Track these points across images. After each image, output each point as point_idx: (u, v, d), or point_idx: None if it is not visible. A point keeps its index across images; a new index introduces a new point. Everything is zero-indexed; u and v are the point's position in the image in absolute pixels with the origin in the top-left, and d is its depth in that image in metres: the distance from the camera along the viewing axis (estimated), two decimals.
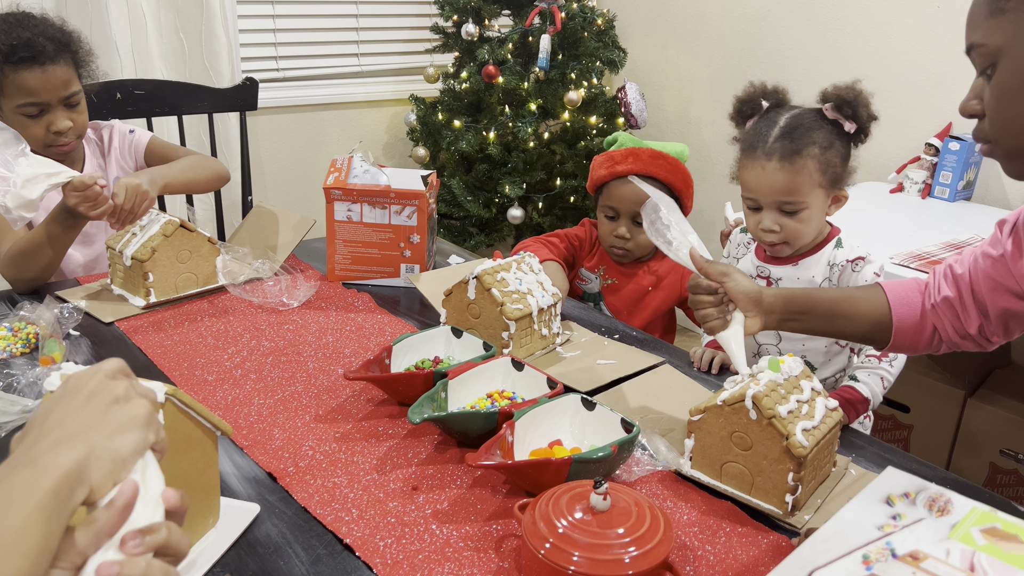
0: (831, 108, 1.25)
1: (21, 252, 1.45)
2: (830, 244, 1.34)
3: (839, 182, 1.29)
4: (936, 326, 1.11)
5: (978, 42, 0.90)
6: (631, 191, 1.63)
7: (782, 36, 2.81)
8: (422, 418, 1.00)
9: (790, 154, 1.24)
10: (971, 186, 2.39)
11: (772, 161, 1.25)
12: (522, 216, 2.83)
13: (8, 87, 1.45)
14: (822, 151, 1.25)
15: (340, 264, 1.59)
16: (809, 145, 1.24)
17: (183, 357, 1.28)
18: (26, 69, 1.44)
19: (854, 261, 1.31)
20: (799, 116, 1.27)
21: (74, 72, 1.52)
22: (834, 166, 1.26)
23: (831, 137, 1.26)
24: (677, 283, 1.71)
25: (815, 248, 1.34)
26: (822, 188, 1.27)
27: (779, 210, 1.28)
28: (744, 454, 0.96)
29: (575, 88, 2.78)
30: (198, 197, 2.61)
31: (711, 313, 1.09)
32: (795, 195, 1.26)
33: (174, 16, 2.50)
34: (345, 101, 3.03)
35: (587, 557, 0.76)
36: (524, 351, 1.30)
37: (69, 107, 1.52)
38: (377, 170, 1.56)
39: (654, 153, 1.63)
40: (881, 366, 1.27)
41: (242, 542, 0.87)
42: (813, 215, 1.29)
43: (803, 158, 1.24)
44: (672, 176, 1.64)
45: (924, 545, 0.67)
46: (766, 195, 1.27)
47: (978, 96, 0.93)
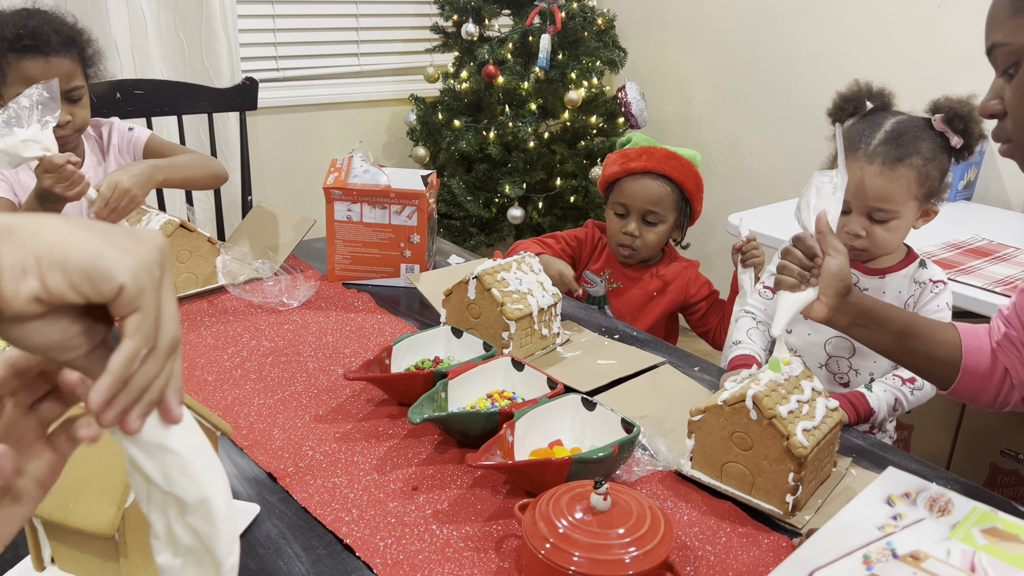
0: (941, 120, 1.21)
1: None
2: (915, 263, 1.33)
3: (934, 196, 1.26)
4: (1007, 367, 1.06)
5: (1000, 41, 0.88)
6: (643, 189, 1.64)
7: (782, 36, 2.81)
8: (422, 418, 1.00)
9: (893, 160, 1.20)
10: (971, 186, 2.39)
11: (873, 165, 1.21)
12: (522, 216, 2.83)
13: (11, 74, 1.47)
14: (924, 162, 1.21)
15: (340, 264, 1.59)
16: (913, 154, 1.20)
17: (183, 357, 1.28)
18: (30, 58, 1.45)
19: (936, 283, 1.29)
20: (906, 123, 1.23)
21: (78, 68, 1.53)
22: (933, 179, 1.23)
23: (936, 149, 1.22)
24: (682, 289, 1.71)
25: (901, 264, 1.32)
26: (916, 200, 1.24)
27: (869, 216, 1.24)
28: (744, 454, 0.96)
29: (575, 88, 2.78)
30: (198, 197, 2.61)
31: (792, 271, 0.99)
32: (889, 202, 1.22)
33: (174, 16, 2.50)
34: (345, 101, 3.03)
35: (587, 557, 0.76)
36: (524, 351, 1.30)
37: (70, 101, 1.53)
38: (377, 170, 1.56)
39: (668, 153, 1.64)
40: (902, 389, 1.25)
41: (242, 542, 0.87)
42: (902, 225, 1.25)
43: (905, 166, 1.20)
44: (684, 177, 1.64)
45: (925, 545, 0.67)
46: (860, 198, 1.23)
47: (999, 96, 0.91)
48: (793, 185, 2.78)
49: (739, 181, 2.98)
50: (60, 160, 1.34)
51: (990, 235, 2.03)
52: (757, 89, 2.90)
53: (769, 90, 2.87)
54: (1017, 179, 2.34)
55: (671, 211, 1.66)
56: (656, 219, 1.65)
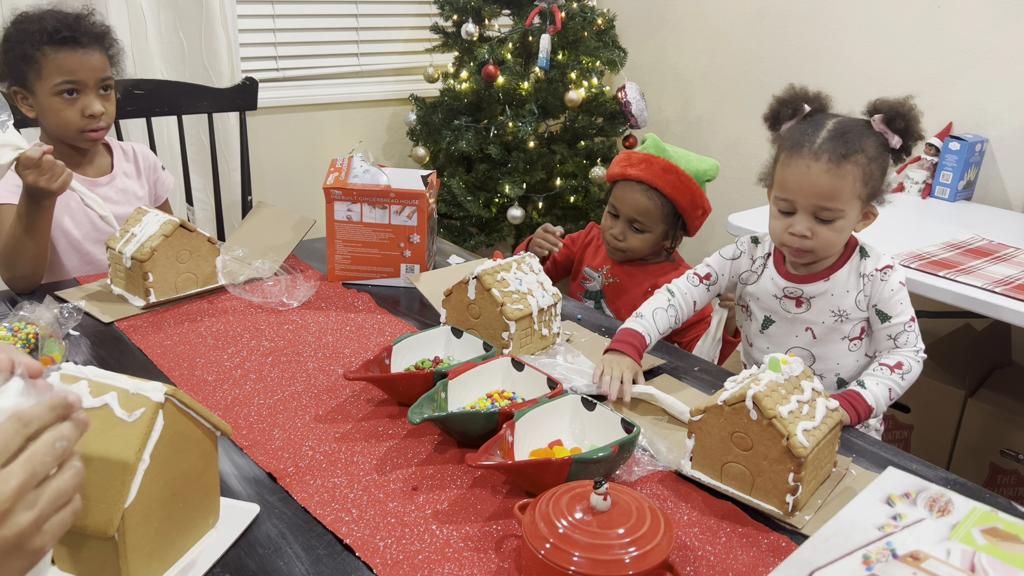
0: (880, 120, 1.22)
1: (5, 250, 1.46)
2: (855, 255, 1.31)
3: (875, 197, 1.26)
4: None
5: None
6: (632, 198, 1.64)
7: (782, 36, 2.81)
8: (422, 418, 1.00)
9: (839, 157, 1.20)
10: (971, 186, 2.39)
11: (820, 162, 1.20)
12: (522, 216, 2.83)
13: (47, 67, 1.50)
14: (868, 160, 1.21)
15: (340, 264, 1.59)
16: (858, 151, 1.20)
17: (183, 357, 1.28)
18: (67, 49, 1.50)
19: (883, 270, 1.28)
20: (847, 122, 1.23)
21: (108, 62, 1.57)
22: (875, 179, 1.23)
23: (878, 149, 1.22)
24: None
25: (841, 260, 1.31)
26: (860, 200, 1.23)
27: (814, 215, 1.23)
28: (744, 454, 0.96)
29: (575, 88, 2.78)
30: (198, 197, 2.61)
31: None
32: (835, 201, 1.21)
33: (174, 16, 2.50)
34: (345, 101, 3.03)
35: (587, 557, 0.76)
36: (524, 351, 1.30)
37: (103, 93, 1.56)
38: (377, 170, 1.56)
39: (667, 166, 1.62)
40: (892, 377, 1.25)
41: (242, 542, 0.87)
42: (847, 226, 1.25)
43: (851, 163, 1.20)
44: (679, 194, 1.63)
45: (925, 545, 0.67)
46: (806, 196, 1.23)
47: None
48: None
49: (739, 181, 2.98)
50: (36, 153, 1.34)
51: (990, 235, 2.03)
52: (757, 89, 2.90)
53: (769, 90, 2.84)
54: (1017, 179, 2.35)
55: (659, 223, 1.65)
56: (642, 227, 1.65)
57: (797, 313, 1.33)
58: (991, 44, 2.32)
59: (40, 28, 1.49)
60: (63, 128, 1.53)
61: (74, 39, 1.50)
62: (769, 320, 1.38)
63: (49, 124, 1.55)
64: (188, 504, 0.82)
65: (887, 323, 1.29)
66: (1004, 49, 2.30)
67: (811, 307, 1.32)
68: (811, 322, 1.33)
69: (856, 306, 1.30)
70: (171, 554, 0.81)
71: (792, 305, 1.33)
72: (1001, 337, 2.33)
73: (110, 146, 1.72)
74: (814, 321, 1.33)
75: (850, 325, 1.32)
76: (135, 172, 1.74)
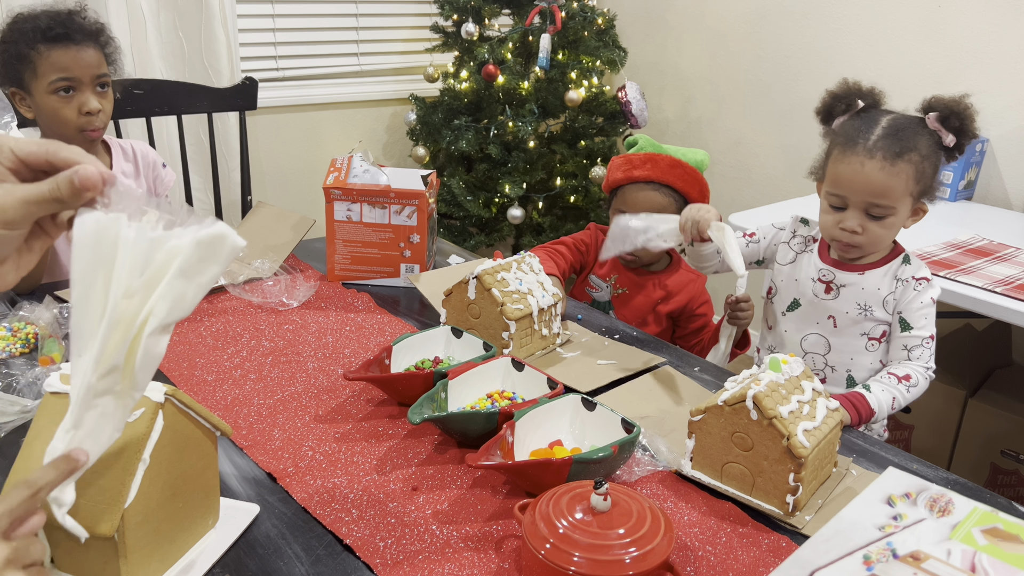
0: (935, 118, 1.21)
1: None
2: (898, 258, 1.32)
3: (926, 194, 1.26)
4: None
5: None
6: (645, 199, 1.62)
7: (782, 36, 2.81)
8: (422, 418, 1.00)
9: (893, 155, 1.20)
10: (972, 186, 2.39)
11: (874, 159, 1.21)
12: (522, 216, 2.83)
13: (42, 65, 1.50)
14: (921, 159, 1.21)
15: (340, 264, 1.59)
16: (912, 150, 1.21)
17: (183, 357, 1.28)
18: (60, 47, 1.50)
19: (919, 280, 1.29)
20: (901, 120, 1.23)
21: (103, 59, 1.57)
22: (927, 177, 1.23)
23: (931, 147, 1.22)
24: (686, 300, 1.70)
25: (883, 260, 1.32)
26: (911, 197, 1.24)
27: (866, 212, 1.24)
28: (745, 455, 0.96)
29: (575, 88, 2.78)
30: (198, 197, 2.61)
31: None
32: (888, 198, 1.22)
33: (173, 16, 2.50)
34: (345, 101, 3.03)
35: (587, 558, 0.76)
36: (524, 351, 1.30)
37: (99, 91, 1.56)
38: (377, 170, 1.55)
39: (672, 161, 1.62)
40: (898, 387, 1.25)
41: (242, 542, 0.87)
42: (897, 222, 1.25)
43: (905, 161, 1.20)
44: (688, 186, 1.62)
45: (925, 545, 0.67)
46: (858, 193, 1.23)
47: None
48: (794, 185, 2.78)
49: (740, 181, 2.98)
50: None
51: (990, 235, 2.03)
52: (757, 89, 2.90)
53: (769, 90, 2.87)
54: (1017, 179, 2.35)
55: None
56: None
57: (824, 299, 1.35)
58: (991, 44, 2.32)
59: (34, 27, 1.49)
60: (61, 127, 1.53)
61: (67, 36, 1.50)
62: (796, 303, 1.40)
63: (47, 124, 1.55)
64: (188, 504, 0.82)
65: (907, 333, 1.29)
66: (1004, 49, 2.30)
67: (839, 295, 1.33)
68: (835, 311, 1.34)
69: (883, 306, 1.31)
70: (171, 554, 0.81)
71: (822, 290, 1.35)
72: (1002, 337, 2.33)
73: (109, 145, 1.72)
74: (838, 310, 1.34)
75: (872, 323, 1.33)
76: (133, 171, 1.74)
